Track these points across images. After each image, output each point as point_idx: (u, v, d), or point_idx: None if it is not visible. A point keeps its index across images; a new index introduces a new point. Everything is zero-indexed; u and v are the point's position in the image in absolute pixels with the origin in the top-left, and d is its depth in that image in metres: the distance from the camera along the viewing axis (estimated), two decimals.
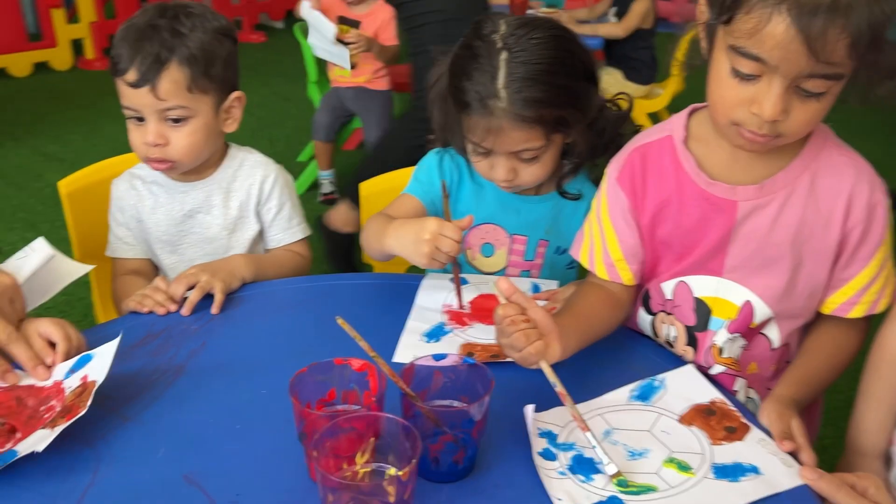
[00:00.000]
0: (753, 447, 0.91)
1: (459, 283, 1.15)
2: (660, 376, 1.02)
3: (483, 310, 1.18)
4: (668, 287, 1.09)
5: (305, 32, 3.43)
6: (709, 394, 0.99)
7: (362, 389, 0.87)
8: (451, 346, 1.09)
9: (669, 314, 1.10)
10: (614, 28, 3.70)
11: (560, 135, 1.16)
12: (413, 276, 1.27)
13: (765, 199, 0.99)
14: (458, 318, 1.16)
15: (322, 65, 3.47)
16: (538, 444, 0.89)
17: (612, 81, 3.60)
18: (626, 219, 1.08)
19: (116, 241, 1.40)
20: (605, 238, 1.10)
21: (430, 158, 1.31)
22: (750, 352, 1.08)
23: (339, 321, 0.82)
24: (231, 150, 1.40)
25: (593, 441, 0.87)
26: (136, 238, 1.39)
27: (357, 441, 0.80)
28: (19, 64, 5.01)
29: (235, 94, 1.33)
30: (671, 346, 1.11)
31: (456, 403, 0.89)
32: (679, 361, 1.07)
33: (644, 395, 0.99)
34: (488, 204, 1.30)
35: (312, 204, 3.40)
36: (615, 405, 0.98)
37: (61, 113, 4.36)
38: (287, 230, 1.41)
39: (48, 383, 0.99)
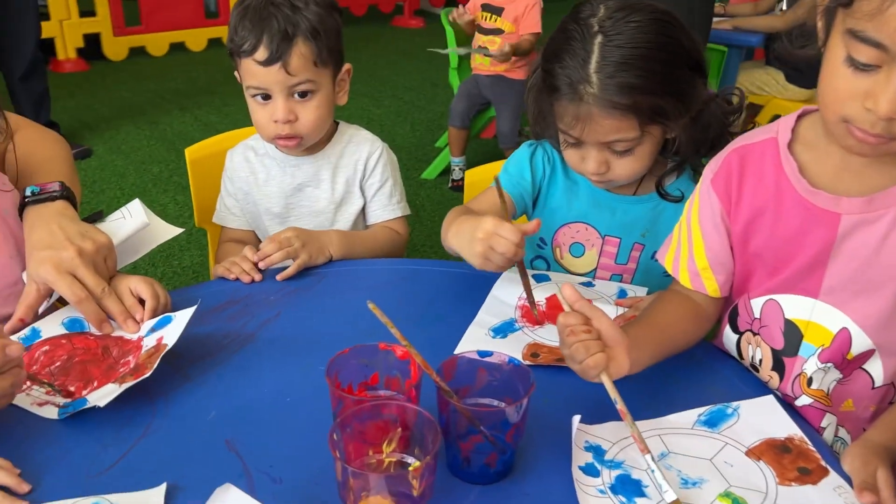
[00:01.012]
0: (827, 494, 0.81)
1: (529, 287, 1.10)
2: (735, 403, 0.93)
3: (558, 309, 1.12)
4: (756, 305, 0.99)
5: (453, 27, 3.45)
6: (787, 429, 0.90)
7: (404, 377, 0.86)
8: (517, 344, 1.05)
9: (756, 334, 1.00)
10: (774, 21, 3.38)
11: (658, 127, 1.08)
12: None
13: (873, 215, 0.88)
14: (530, 315, 1.12)
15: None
16: (581, 458, 0.84)
17: (769, 82, 3.34)
18: (717, 225, 0.99)
19: (224, 209, 1.46)
20: (692, 244, 1.02)
21: (522, 151, 1.27)
22: (846, 387, 0.96)
23: (371, 305, 0.81)
24: (340, 127, 1.44)
25: (653, 465, 0.81)
26: (241, 210, 1.45)
27: (387, 429, 0.79)
28: (196, 39, 5.40)
29: (346, 66, 1.37)
30: (756, 369, 1.01)
31: (497, 403, 0.85)
32: (762, 389, 0.98)
33: (713, 422, 0.91)
34: (581, 201, 1.24)
35: (442, 189, 3.44)
36: (678, 428, 0.91)
37: (226, 86, 4.66)
38: (386, 207, 1.43)
39: (133, 337, 1.05)
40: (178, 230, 1.24)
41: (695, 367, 1.02)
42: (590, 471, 0.83)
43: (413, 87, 4.87)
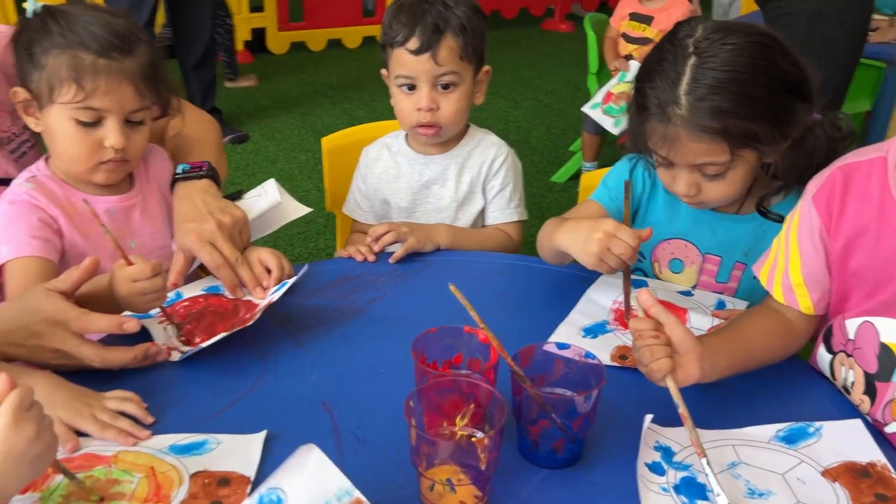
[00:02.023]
0: None
1: (629, 291, 1.13)
2: (818, 423, 0.92)
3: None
4: (852, 326, 0.97)
5: (595, 26, 3.45)
6: (870, 454, 0.88)
7: (485, 360, 0.92)
8: (607, 345, 1.08)
9: (850, 356, 0.98)
10: None
11: (751, 151, 1.06)
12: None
13: None
14: (623, 319, 1.15)
15: (602, 56, 3.48)
16: (648, 455, 0.87)
17: None
18: (815, 241, 0.97)
19: (354, 203, 1.57)
20: (788, 258, 1.00)
21: (622, 165, 1.29)
22: None
23: (452, 288, 0.87)
24: (471, 130, 1.51)
25: (707, 469, 0.82)
26: (370, 206, 1.54)
27: (461, 404, 0.85)
28: (352, 36, 5.67)
29: (486, 67, 1.44)
30: (848, 392, 0.99)
31: (570, 394, 0.89)
32: (852, 412, 0.96)
33: (791, 439, 0.91)
34: (681, 219, 1.24)
35: (570, 193, 3.44)
36: (754, 440, 0.91)
37: (375, 83, 4.85)
38: (504, 210, 1.48)
39: (262, 302, 1.17)
40: (307, 209, 1.36)
41: (782, 383, 1.01)
42: (656, 469, 0.86)
43: (554, 91, 4.89)
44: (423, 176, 1.48)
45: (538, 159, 3.84)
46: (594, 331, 1.12)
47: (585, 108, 3.25)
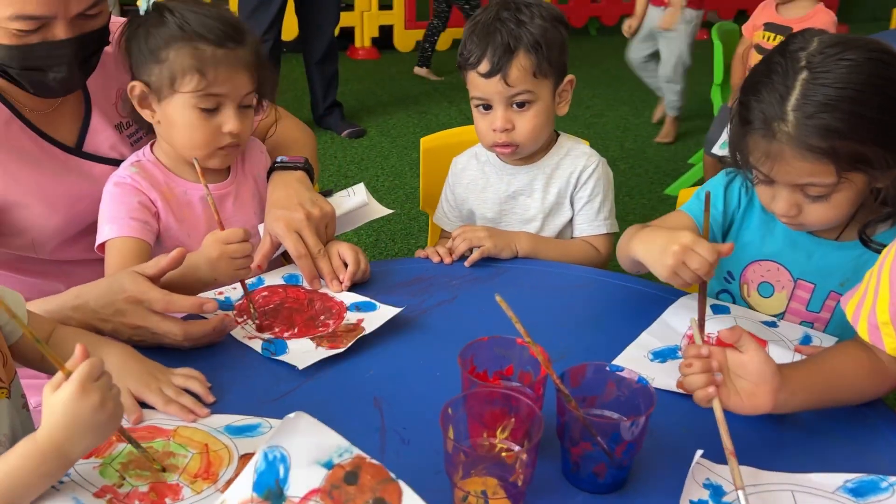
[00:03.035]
0: None
1: (704, 312, 1.08)
2: (893, 478, 0.85)
3: (728, 346, 1.09)
4: None
5: (724, 35, 3.31)
6: None
7: (535, 374, 0.90)
8: (673, 371, 1.04)
9: None
10: None
11: (860, 175, 0.99)
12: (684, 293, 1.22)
13: None
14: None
15: (728, 68, 3.33)
16: (695, 493, 0.83)
17: None
18: None
19: (441, 212, 1.57)
20: (878, 294, 0.93)
21: (719, 178, 1.23)
22: None
23: (498, 298, 0.86)
24: (560, 139, 1.48)
25: (742, 500, 0.78)
26: (457, 215, 1.54)
27: (503, 417, 0.84)
28: None
29: (568, 77, 1.41)
30: None
31: (623, 419, 0.87)
32: None
33: (860, 492, 0.84)
34: (776, 240, 1.18)
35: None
36: (817, 488, 0.85)
37: None
38: (591, 222, 1.45)
39: (336, 298, 1.21)
40: (388, 210, 1.39)
41: (859, 428, 0.94)
42: None
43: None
44: (510, 187, 1.47)
45: (653, 170, 3.74)
46: (664, 355, 1.08)
47: (716, 150, 3.13)
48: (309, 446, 0.78)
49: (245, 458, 0.87)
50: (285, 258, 1.34)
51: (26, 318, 1.00)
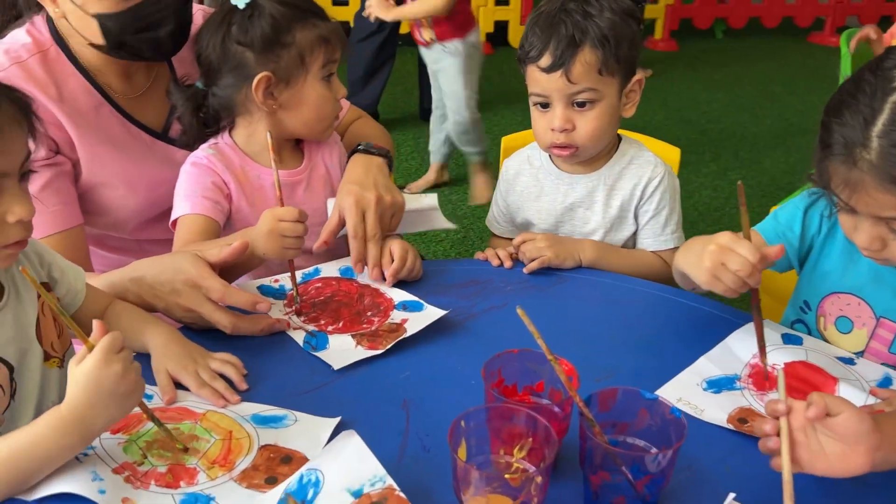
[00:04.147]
0: None
1: (762, 332, 0.99)
2: None
3: (796, 379, 1.00)
4: None
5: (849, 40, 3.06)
6: None
7: (566, 393, 0.85)
8: (728, 403, 0.97)
9: None
10: None
11: None
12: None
13: None
14: (760, 378, 1.01)
15: None
16: None
17: None
18: None
19: (492, 214, 1.50)
20: None
21: (800, 199, 1.11)
22: None
23: (519, 311, 0.81)
24: (622, 145, 1.38)
25: None
26: (505, 219, 1.47)
27: (521, 435, 0.80)
28: None
29: (637, 76, 1.31)
30: None
31: (652, 449, 0.81)
32: None
33: None
34: (859, 272, 1.07)
35: None
36: None
37: None
38: (658, 237, 1.35)
39: (387, 294, 1.20)
40: (451, 225, 1.37)
41: None
42: None
43: (804, 111, 4.45)
44: (567, 197, 1.37)
45: (767, 183, 3.53)
46: (720, 385, 1.00)
47: None
48: (346, 472, 0.80)
49: (264, 448, 0.87)
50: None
51: (84, 292, 1.04)
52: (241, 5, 1.24)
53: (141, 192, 1.35)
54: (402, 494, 0.78)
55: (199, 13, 1.36)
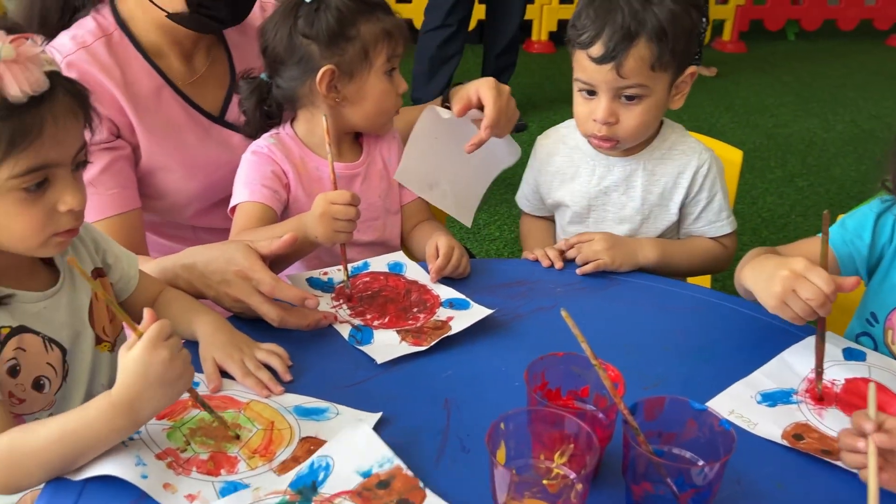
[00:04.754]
0: None
1: (822, 353, 0.95)
2: None
3: (854, 395, 0.95)
4: None
5: None
6: None
7: (611, 400, 0.83)
8: (783, 418, 0.93)
9: None
10: None
11: None
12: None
13: None
14: (815, 392, 0.97)
15: None
16: None
17: None
18: None
19: (522, 191, 1.46)
20: None
21: (871, 206, 1.07)
22: None
23: (563, 314, 0.79)
24: (663, 130, 1.31)
25: None
26: (536, 197, 1.43)
27: (563, 441, 0.78)
28: None
29: (690, 69, 1.25)
30: None
31: (699, 461, 0.78)
32: None
33: None
34: None
35: None
36: None
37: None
38: (714, 223, 1.32)
39: (433, 290, 1.19)
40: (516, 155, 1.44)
41: None
42: None
43: (878, 116, 4.27)
44: (602, 181, 1.31)
45: (836, 190, 3.40)
46: (775, 398, 0.96)
47: None
48: (356, 458, 0.82)
49: (305, 440, 0.87)
50: None
51: (137, 278, 1.06)
52: None
53: (198, 176, 1.38)
54: (409, 473, 0.80)
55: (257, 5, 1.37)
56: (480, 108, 1.32)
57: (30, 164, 0.82)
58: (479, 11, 4.30)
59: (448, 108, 1.41)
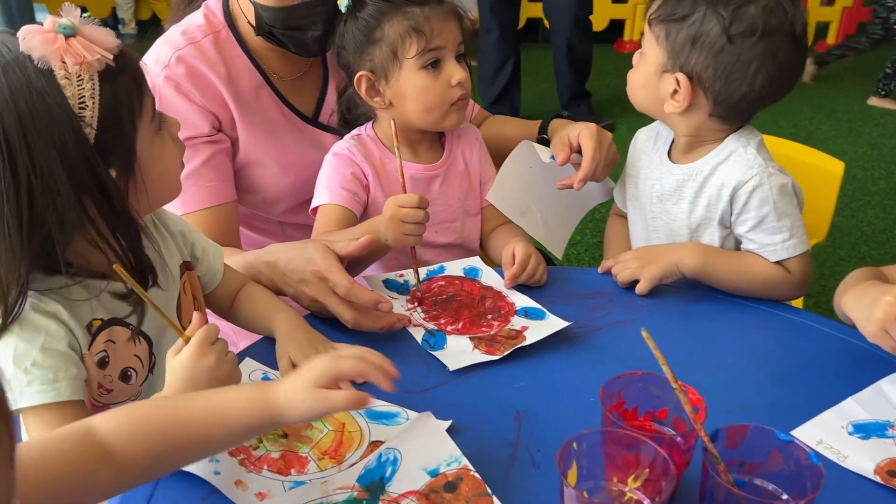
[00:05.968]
0: None
1: None
2: None
3: None
4: None
5: None
6: None
7: (690, 425, 0.80)
8: (877, 452, 0.87)
9: None
10: None
11: None
12: None
13: None
14: None
15: None
16: None
17: None
18: None
19: (619, 183, 1.40)
20: None
21: None
22: None
23: (644, 334, 0.76)
24: (728, 140, 1.19)
25: None
26: (623, 194, 1.37)
27: (638, 464, 0.75)
28: None
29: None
30: None
31: (783, 495, 0.74)
32: None
33: None
34: None
35: None
36: None
37: None
38: (766, 246, 1.16)
39: (508, 298, 1.17)
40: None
41: None
42: None
43: None
44: (659, 186, 1.25)
45: None
46: (868, 430, 0.90)
47: None
48: (423, 452, 0.81)
49: (374, 444, 0.87)
50: None
51: (222, 272, 1.09)
52: (343, 9, 1.26)
53: (291, 173, 1.41)
54: (477, 475, 0.79)
55: None
56: (579, 151, 1.28)
57: None
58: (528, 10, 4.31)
59: (546, 140, 1.40)
